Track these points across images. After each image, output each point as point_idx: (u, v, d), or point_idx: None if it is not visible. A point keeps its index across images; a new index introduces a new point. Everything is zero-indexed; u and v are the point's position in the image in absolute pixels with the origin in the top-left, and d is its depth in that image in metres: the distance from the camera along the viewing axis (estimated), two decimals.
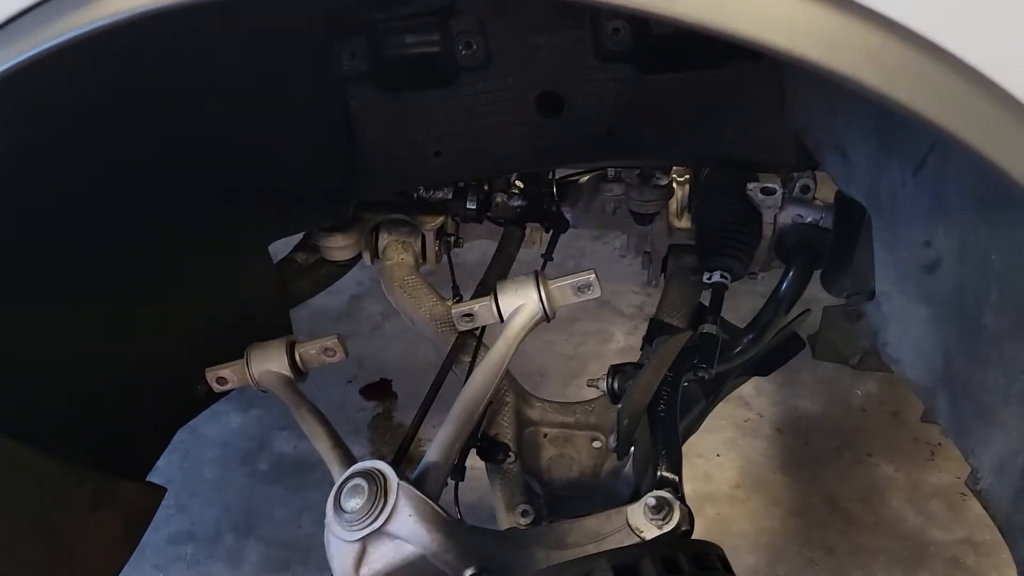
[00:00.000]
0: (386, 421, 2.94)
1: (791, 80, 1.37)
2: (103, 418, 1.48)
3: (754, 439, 2.74)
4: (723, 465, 2.63)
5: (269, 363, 1.52)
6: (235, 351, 1.59)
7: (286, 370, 1.51)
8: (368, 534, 1.14)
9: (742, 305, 2.08)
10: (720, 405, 2.70)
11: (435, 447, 1.28)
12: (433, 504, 1.17)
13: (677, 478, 1.28)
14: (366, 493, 1.15)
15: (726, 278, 1.61)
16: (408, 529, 1.14)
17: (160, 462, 2.86)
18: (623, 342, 3.13)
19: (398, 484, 1.16)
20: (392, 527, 1.14)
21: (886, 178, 1.17)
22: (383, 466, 1.18)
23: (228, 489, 2.77)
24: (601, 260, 3.41)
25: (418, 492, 1.16)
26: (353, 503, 1.15)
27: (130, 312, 1.47)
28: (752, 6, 0.66)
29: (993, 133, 0.66)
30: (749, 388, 2.86)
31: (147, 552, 2.48)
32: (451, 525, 1.17)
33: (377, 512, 1.14)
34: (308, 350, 1.52)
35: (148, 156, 1.30)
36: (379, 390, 3.04)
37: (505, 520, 1.59)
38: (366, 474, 1.17)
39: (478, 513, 1.64)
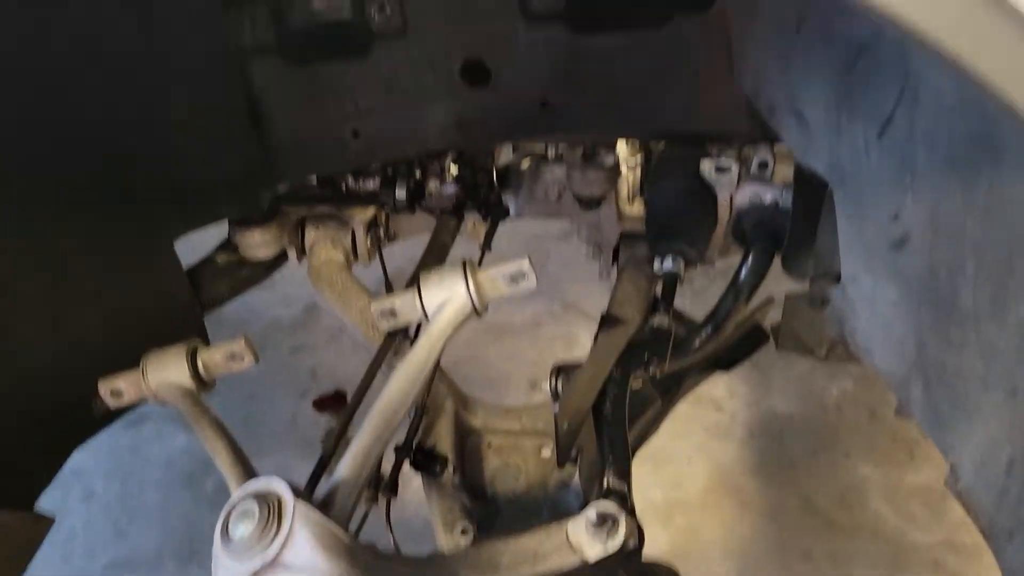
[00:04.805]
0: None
1: (740, 39, 1.24)
2: None
3: (726, 442, 2.64)
4: (694, 471, 2.52)
5: (167, 372, 1.34)
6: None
7: (187, 380, 1.33)
8: (260, 567, 0.97)
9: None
10: (690, 408, 2.59)
11: (345, 461, 1.12)
12: (337, 528, 1.00)
13: (625, 487, 1.15)
14: (256, 517, 0.98)
15: (679, 263, 1.47)
16: (305, 558, 0.97)
17: (98, 486, 2.75)
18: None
19: (294, 506, 0.99)
20: (287, 557, 0.97)
21: (848, 143, 1.05)
22: (278, 484, 1.02)
23: (170, 513, 2.64)
24: (568, 262, 3.29)
25: (319, 514, 1.00)
26: (242, 529, 0.98)
27: (9, 318, 1.30)
28: None
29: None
30: (721, 390, 2.78)
31: None
32: (358, 552, 1.01)
33: (269, 540, 0.97)
34: (212, 356, 1.34)
35: (14, 132, 1.14)
36: (332, 403, 2.91)
37: (444, 540, 1.43)
38: (258, 496, 1.00)
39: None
